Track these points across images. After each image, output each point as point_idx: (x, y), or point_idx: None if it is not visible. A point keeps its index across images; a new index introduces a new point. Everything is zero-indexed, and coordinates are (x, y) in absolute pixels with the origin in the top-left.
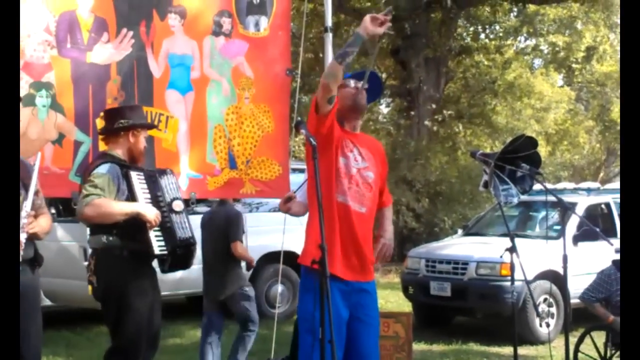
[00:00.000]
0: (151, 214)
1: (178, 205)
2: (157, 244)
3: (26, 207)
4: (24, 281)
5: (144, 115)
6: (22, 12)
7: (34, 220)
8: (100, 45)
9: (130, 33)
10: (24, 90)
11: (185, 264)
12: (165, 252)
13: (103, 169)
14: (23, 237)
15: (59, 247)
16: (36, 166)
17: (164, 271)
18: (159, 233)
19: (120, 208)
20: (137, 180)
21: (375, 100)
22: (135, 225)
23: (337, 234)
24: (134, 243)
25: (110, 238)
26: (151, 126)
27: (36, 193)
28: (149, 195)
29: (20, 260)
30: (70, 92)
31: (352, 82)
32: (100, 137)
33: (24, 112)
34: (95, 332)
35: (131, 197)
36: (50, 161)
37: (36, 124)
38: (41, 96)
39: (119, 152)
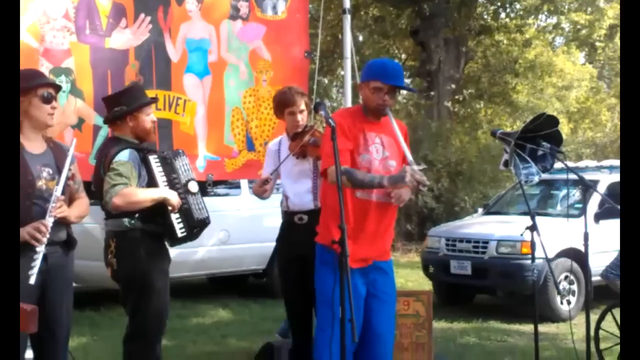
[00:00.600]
0: (175, 198)
1: (193, 186)
2: (178, 227)
3: (56, 192)
4: (54, 262)
5: (139, 95)
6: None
7: (63, 204)
8: (118, 30)
9: (148, 18)
10: None
11: (194, 239)
12: (185, 234)
13: (124, 156)
14: (50, 220)
15: (82, 229)
16: (70, 151)
17: (172, 245)
18: (177, 215)
19: (148, 195)
20: (155, 164)
21: None
22: (157, 209)
23: (356, 229)
24: (155, 226)
25: (132, 221)
26: (145, 104)
27: (72, 177)
28: (165, 178)
29: (51, 242)
30: (89, 77)
31: (383, 92)
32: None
33: None
34: (118, 312)
35: (151, 182)
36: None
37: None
38: (61, 82)
39: (128, 136)
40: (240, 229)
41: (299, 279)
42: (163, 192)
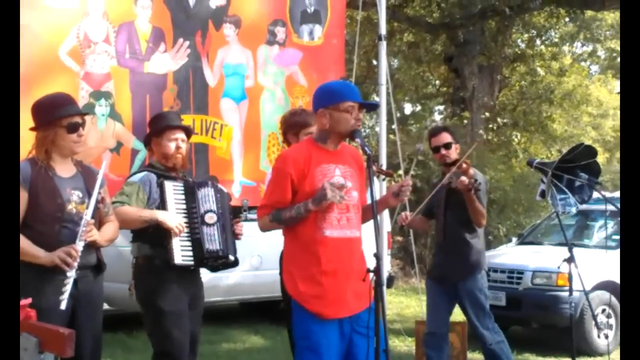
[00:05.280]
0: (172, 222)
1: (211, 218)
2: (182, 254)
3: (86, 216)
4: (84, 287)
5: (164, 121)
6: (84, 24)
7: (93, 228)
8: (157, 55)
9: (187, 43)
10: (84, 99)
11: (227, 268)
12: (192, 262)
13: (136, 177)
14: (81, 245)
15: (115, 252)
16: (100, 174)
17: (212, 271)
18: (187, 243)
19: (140, 215)
20: (173, 191)
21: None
22: (163, 234)
23: (330, 271)
24: (164, 250)
25: (142, 246)
26: (162, 128)
27: (102, 201)
28: (184, 207)
29: (82, 266)
30: (128, 101)
31: (357, 111)
32: None
33: None
34: None
35: (162, 206)
36: (108, 169)
37: (95, 132)
38: (100, 105)
39: (158, 162)
40: (273, 255)
41: None
42: (158, 214)
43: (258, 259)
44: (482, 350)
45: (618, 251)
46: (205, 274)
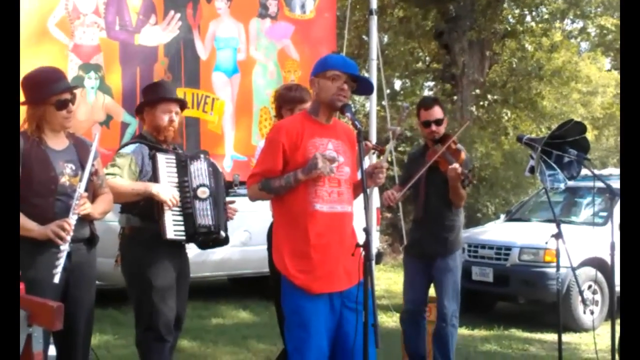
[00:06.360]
0: (166, 194)
1: (203, 192)
2: (174, 228)
3: (79, 188)
4: (78, 260)
5: (162, 91)
6: None
7: (87, 201)
8: (148, 27)
9: (178, 15)
10: (73, 72)
11: (217, 245)
12: (183, 237)
13: (128, 149)
14: (74, 218)
15: (105, 227)
16: (93, 147)
17: (200, 248)
18: (179, 218)
19: (133, 187)
20: (165, 163)
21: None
22: (155, 206)
23: (319, 245)
24: (154, 223)
25: (132, 218)
26: (159, 99)
27: (95, 173)
28: (176, 180)
29: (75, 239)
30: (118, 74)
31: (342, 80)
32: None
33: None
34: None
35: (154, 179)
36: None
37: (84, 105)
38: (90, 78)
39: (149, 133)
40: (262, 230)
41: None
42: (152, 186)
43: (247, 235)
44: (435, 326)
45: (605, 228)
46: (194, 248)
